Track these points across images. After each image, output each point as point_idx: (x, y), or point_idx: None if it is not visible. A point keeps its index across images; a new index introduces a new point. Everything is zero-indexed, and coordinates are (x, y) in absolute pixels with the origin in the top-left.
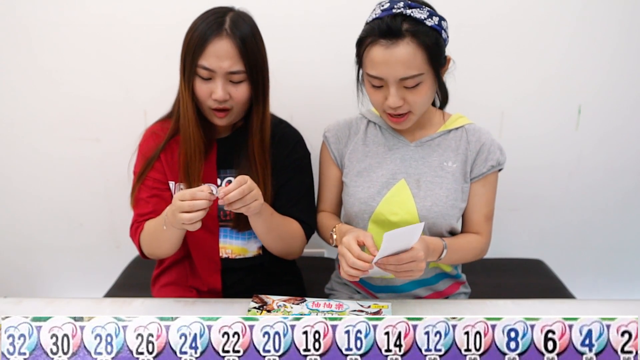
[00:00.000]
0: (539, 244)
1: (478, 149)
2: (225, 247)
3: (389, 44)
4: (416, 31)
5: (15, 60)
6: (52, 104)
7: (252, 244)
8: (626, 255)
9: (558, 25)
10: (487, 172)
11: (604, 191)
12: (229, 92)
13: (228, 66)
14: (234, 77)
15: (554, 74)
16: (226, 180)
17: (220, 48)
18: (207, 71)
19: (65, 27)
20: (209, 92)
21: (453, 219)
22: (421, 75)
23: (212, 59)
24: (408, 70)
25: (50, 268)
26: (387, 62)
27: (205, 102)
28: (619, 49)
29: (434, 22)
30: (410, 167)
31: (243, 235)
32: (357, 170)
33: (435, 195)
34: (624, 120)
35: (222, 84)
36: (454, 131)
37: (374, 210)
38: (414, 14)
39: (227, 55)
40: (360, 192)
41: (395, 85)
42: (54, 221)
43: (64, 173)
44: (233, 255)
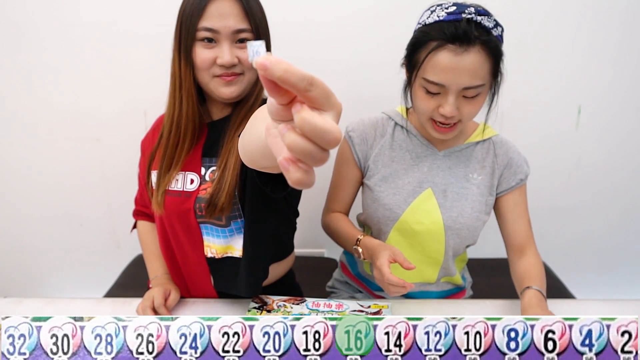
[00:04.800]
0: (539, 244)
1: (506, 163)
2: (209, 245)
3: (459, 51)
4: (487, 40)
5: (15, 60)
6: (52, 104)
7: (236, 241)
8: (626, 255)
9: (558, 26)
10: (515, 185)
11: (604, 191)
12: (237, 55)
13: (234, 24)
14: (241, 35)
15: (554, 74)
16: (210, 170)
17: (223, 6)
18: (210, 32)
19: (65, 27)
20: (213, 57)
21: (477, 232)
22: (483, 86)
23: (214, 19)
24: (473, 80)
25: (50, 268)
26: (454, 69)
27: (209, 70)
28: (619, 49)
29: (499, 32)
30: (437, 177)
31: (223, 232)
32: (383, 175)
33: (461, 206)
34: (624, 120)
35: (228, 46)
36: (482, 143)
37: (399, 218)
38: (484, 22)
39: (231, 13)
40: (386, 198)
41: (455, 94)
42: (54, 221)
43: (64, 173)
44: (218, 255)
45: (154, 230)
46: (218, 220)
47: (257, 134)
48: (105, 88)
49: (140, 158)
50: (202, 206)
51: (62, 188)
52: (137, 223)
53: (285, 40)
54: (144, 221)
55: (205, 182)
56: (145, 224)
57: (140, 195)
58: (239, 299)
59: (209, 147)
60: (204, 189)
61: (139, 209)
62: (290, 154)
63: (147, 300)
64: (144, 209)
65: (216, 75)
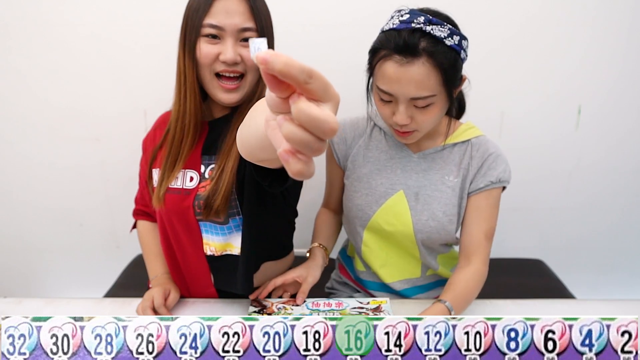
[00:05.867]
0: (539, 244)
1: (480, 165)
2: (208, 243)
3: (403, 62)
4: (434, 51)
5: (15, 60)
6: (52, 104)
7: (235, 239)
8: (626, 255)
9: (558, 26)
10: (484, 187)
11: (603, 191)
12: (240, 53)
13: (240, 22)
14: (246, 33)
15: (554, 74)
16: (209, 168)
17: (230, 4)
18: (215, 29)
19: (65, 27)
20: (216, 53)
21: (449, 234)
22: (433, 97)
23: (220, 15)
24: (420, 91)
25: (50, 268)
26: (399, 80)
27: (211, 65)
28: (619, 49)
29: (454, 41)
30: (410, 179)
31: (222, 229)
32: (358, 175)
33: (432, 209)
34: (624, 120)
35: (232, 43)
36: (460, 144)
37: (370, 219)
38: (434, 32)
39: (237, 11)
40: (358, 199)
41: (404, 104)
42: (54, 221)
43: (64, 173)
44: (217, 253)
45: (154, 229)
46: (217, 217)
47: (255, 126)
48: (105, 88)
49: (142, 157)
50: (201, 203)
51: (62, 188)
52: (137, 223)
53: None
54: (144, 221)
55: (204, 179)
56: (145, 223)
57: (140, 194)
58: (239, 299)
59: (209, 145)
60: (203, 186)
61: (140, 209)
62: (290, 145)
63: (147, 301)
64: (145, 209)
65: (217, 72)
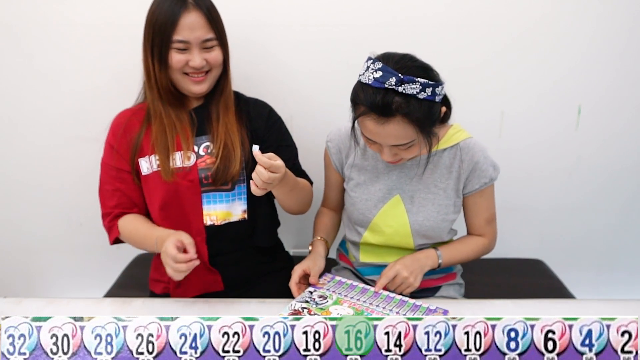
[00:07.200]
0: (539, 244)
1: (471, 168)
2: (210, 213)
3: (380, 120)
4: (407, 109)
5: (15, 60)
6: (51, 104)
7: (236, 206)
8: (626, 255)
9: (558, 25)
10: (479, 188)
11: (603, 191)
12: (205, 58)
13: (201, 35)
14: (208, 43)
15: (554, 74)
16: (203, 146)
17: (191, 20)
18: (183, 43)
19: (65, 27)
20: (185, 60)
21: (444, 231)
22: (413, 141)
23: (185, 31)
24: (399, 140)
25: (50, 268)
26: (380, 134)
27: (182, 69)
28: (619, 49)
29: (427, 93)
30: (405, 184)
31: (227, 196)
32: (356, 182)
33: (427, 210)
34: (624, 120)
35: (198, 52)
36: (449, 149)
37: (371, 221)
38: (406, 91)
39: (198, 25)
40: (359, 203)
41: (388, 148)
42: (54, 221)
43: (64, 173)
44: (218, 222)
45: (137, 217)
46: (225, 185)
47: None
48: (105, 88)
49: (109, 157)
50: (209, 175)
51: (62, 188)
52: (118, 226)
53: (286, 40)
54: (123, 217)
55: (201, 156)
56: (126, 217)
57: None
58: (239, 299)
59: (197, 128)
60: (203, 161)
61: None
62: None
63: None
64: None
65: (186, 73)
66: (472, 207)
